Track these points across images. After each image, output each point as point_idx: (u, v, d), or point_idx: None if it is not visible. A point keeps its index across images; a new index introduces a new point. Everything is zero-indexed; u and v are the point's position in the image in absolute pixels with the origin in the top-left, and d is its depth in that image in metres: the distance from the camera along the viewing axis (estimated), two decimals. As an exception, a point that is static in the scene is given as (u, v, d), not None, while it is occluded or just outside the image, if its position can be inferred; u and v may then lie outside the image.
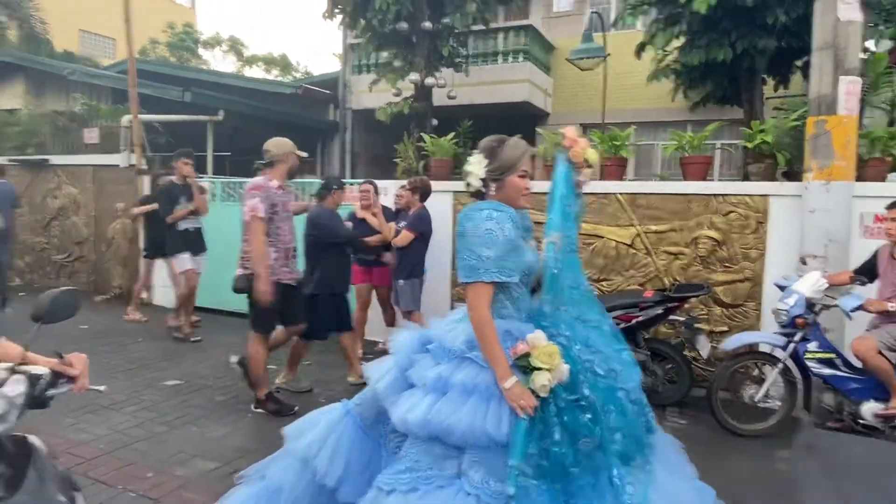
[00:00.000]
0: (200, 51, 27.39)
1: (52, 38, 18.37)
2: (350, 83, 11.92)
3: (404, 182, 5.66)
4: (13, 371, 1.35)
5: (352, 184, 6.24)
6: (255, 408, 4.20)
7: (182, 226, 6.05)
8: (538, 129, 11.23)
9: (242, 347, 4.40)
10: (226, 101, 10.33)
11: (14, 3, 16.87)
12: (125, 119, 8.44)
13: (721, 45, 6.14)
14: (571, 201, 1.99)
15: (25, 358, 1.48)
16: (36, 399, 1.38)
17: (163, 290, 7.76)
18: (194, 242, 6.16)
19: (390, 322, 5.67)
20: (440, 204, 5.77)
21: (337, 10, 8.54)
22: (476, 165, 2.04)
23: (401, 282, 5.14)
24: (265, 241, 3.97)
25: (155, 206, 6.37)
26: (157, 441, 3.63)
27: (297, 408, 4.09)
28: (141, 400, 4.34)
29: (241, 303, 4.36)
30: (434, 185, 5.48)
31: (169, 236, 6.10)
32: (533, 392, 1.75)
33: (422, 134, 7.14)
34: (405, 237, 5.02)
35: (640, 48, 7.20)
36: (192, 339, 6.12)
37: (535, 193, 2.26)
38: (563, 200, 1.97)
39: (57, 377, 1.47)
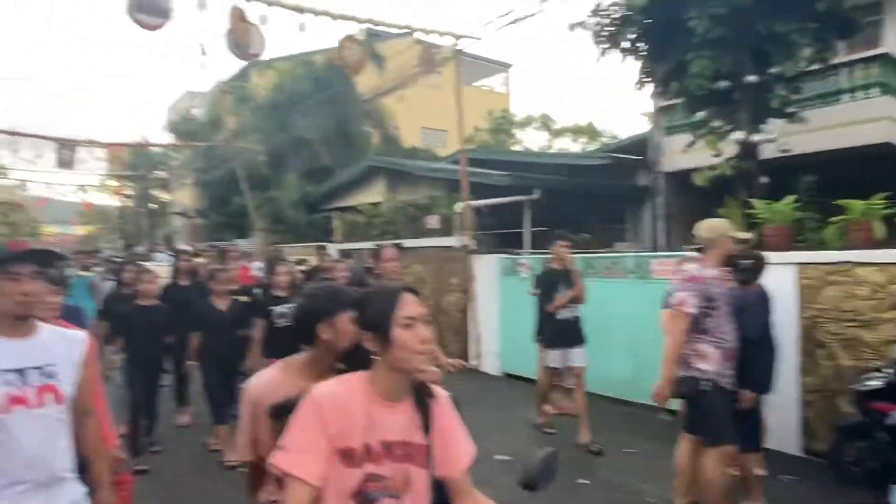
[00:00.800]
0: (515, 130, 30.11)
1: (402, 138, 22.44)
2: (661, 145, 11.57)
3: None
4: None
5: (671, 255, 5.91)
6: None
7: (561, 315, 5.56)
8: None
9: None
10: (540, 181, 11.03)
11: (376, 115, 21.19)
12: (458, 206, 9.66)
13: None
14: None
15: None
16: None
17: (491, 357, 8.44)
18: (571, 334, 5.62)
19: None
20: (778, 280, 5.03)
21: (647, 80, 8.47)
22: None
23: None
24: (699, 338, 3.55)
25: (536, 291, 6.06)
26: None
27: None
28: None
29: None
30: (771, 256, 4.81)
31: (546, 325, 5.70)
32: None
33: (750, 199, 6.42)
34: None
35: None
36: (546, 429, 5.96)
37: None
38: None
39: None
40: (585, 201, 12.08)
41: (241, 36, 7.24)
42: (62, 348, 2.11)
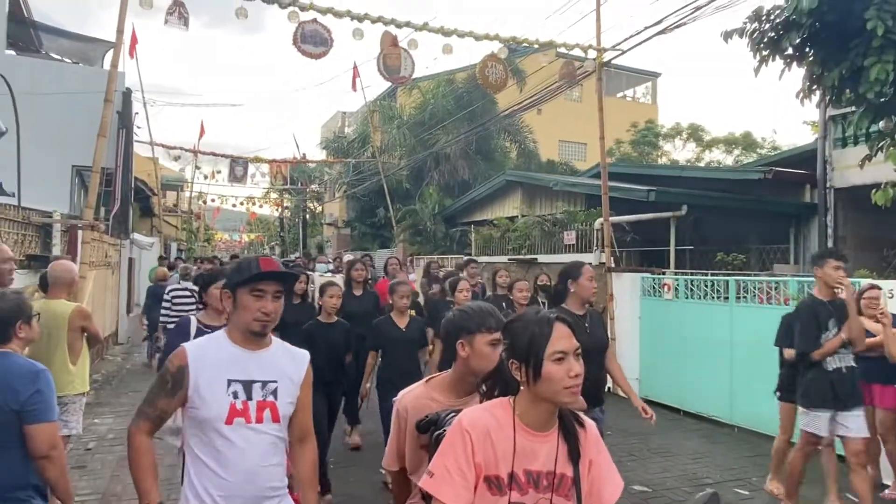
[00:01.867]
0: (661, 142, 28.74)
1: (540, 151, 22.39)
2: (831, 158, 10.43)
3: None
4: None
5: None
6: None
7: (831, 364, 3.96)
8: None
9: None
10: (688, 196, 10.42)
11: (515, 131, 21.36)
12: (598, 222, 9.42)
13: None
14: None
15: None
16: None
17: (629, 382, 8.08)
18: (846, 390, 3.93)
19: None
20: None
21: (814, 88, 7.68)
22: None
23: None
24: None
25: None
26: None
27: None
28: None
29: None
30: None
31: (808, 378, 4.05)
32: None
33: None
34: None
35: None
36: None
37: None
38: None
39: None
40: (740, 219, 11.20)
41: (393, 60, 7.68)
42: (287, 365, 2.09)
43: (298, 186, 29.22)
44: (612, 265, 8.96)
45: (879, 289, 4.64)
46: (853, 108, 7.64)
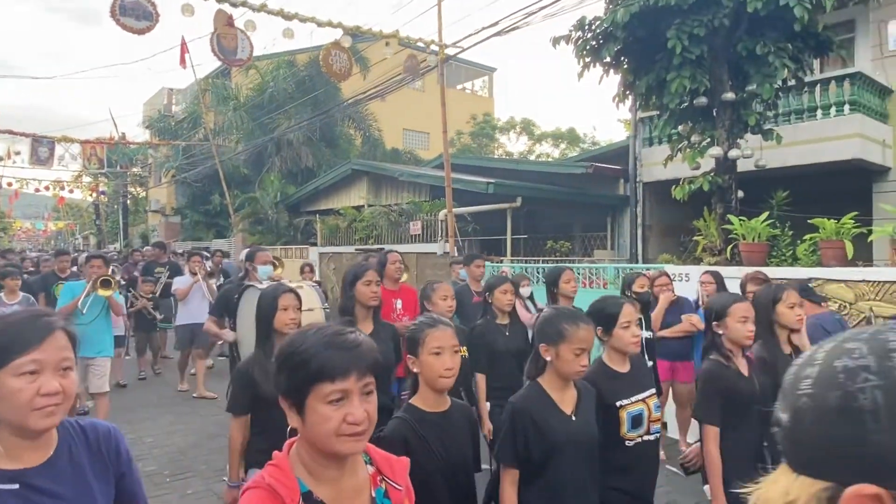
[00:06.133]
0: (497, 134, 30.30)
1: (384, 139, 22.47)
2: (641, 156, 11.78)
3: (707, 268, 5.29)
4: None
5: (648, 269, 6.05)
6: None
7: None
8: (876, 189, 9.49)
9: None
10: (522, 188, 11.16)
11: (360, 118, 21.18)
12: (442, 213, 9.73)
13: None
14: None
15: None
16: None
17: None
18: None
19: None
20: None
21: (628, 93, 8.62)
22: None
23: None
24: None
25: None
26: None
27: None
28: None
29: None
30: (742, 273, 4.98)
31: None
32: None
33: (728, 215, 6.60)
34: None
35: None
36: None
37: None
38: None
39: None
40: (567, 209, 12.23)
41: (229, 41, 7.22)
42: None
43: (118, 170, 26.27)
44: (456, 255, 9.33)
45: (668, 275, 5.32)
46: (658, 113, 8.71)
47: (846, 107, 9.11)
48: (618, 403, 2.44)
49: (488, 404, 3.71)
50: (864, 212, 8.12)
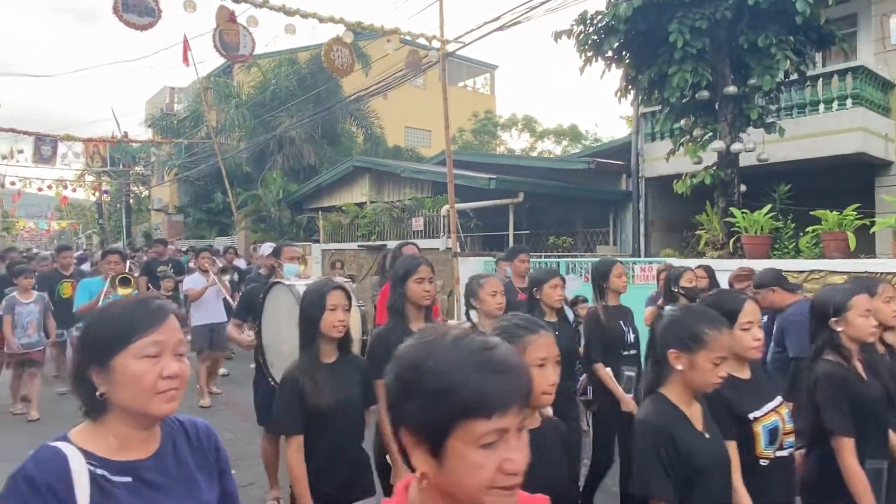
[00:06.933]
0: (499, 131, 30.28)
1: (386, 136, 22.47)
2: (643, 151, 11.78)
3: (701, 262, 5.30)
4: None
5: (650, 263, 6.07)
6: None
7: None
8: (878, 184, 9.47)
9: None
10: (524, 184, 11.16)
11: (361, 116, 21.18)
12: (444, 209, 9.74)
13: None
14: None
15: None
16: None
17: None
18: None
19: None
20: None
21: (629, 88, 8.62)
22: None
23: None
24: None
25: None
26: None
27: None
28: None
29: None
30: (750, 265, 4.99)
31: None
32: None
33: (731, 208, 6.60)
34: None
35: None
36: None
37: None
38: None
39: None
40: (569, 205, 12.23)
41: (231, 37, 7.24)
42: None
43: (120, 168, 26.32)
44: (458, 250, 9.35)
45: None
46: (660, 107, 8.71)
47: (848, 100, 9.10)
48: (751, 416, 2.11)
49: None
50: (867, 206, 8.10)
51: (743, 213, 6.04)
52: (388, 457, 2.82)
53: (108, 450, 1.26)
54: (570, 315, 4.66)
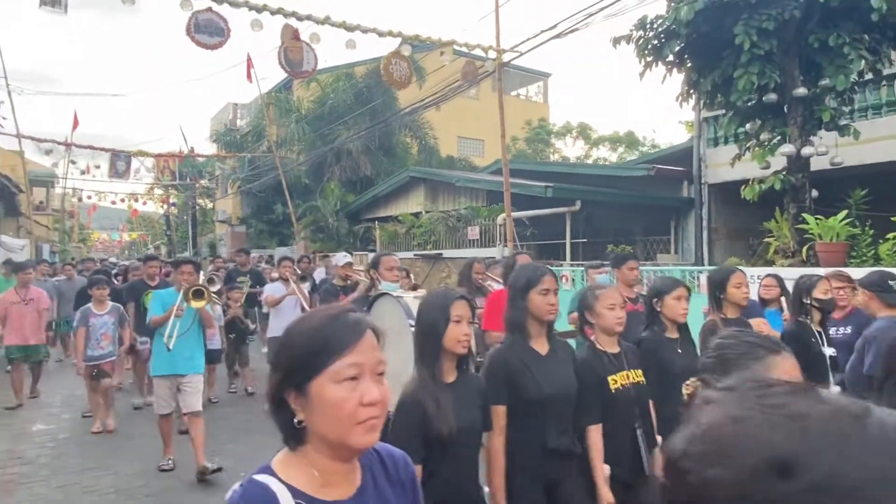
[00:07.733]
0: (553, 139, 30.06)
1: (440, 147, 22.68)
2: (705, 157, 11.45)
3: (769, 270, 5.08)
4: None
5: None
6: None
7: None
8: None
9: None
10: (581, 192, 11.04)
11: (416, 127, 21.48)
12: (500, 218, 9.75)
13: None
14: None
15: None
16: None
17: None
18: None
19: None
20: (834, 297, 4.96)
21: (691, 92, 8.41)
22: None
23: None
24: None
25: None
26: None
27: None
28: None
29: None
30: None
31: None
32: None
33: (802, 214, 6.32)
34: None
35: None
36: None
37: None
38: None
39: None
40: (627, 213, 12.02)
41: (295, 54, 7.50)
42: None
43: (187, 182, 27.59)
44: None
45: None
46: (724, 111, 8.46)
47: (929, 100, 8.60)
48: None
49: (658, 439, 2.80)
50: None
51: (817, 219, 5.78)
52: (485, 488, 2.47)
53: (314, 486, 1.13)
54: None
